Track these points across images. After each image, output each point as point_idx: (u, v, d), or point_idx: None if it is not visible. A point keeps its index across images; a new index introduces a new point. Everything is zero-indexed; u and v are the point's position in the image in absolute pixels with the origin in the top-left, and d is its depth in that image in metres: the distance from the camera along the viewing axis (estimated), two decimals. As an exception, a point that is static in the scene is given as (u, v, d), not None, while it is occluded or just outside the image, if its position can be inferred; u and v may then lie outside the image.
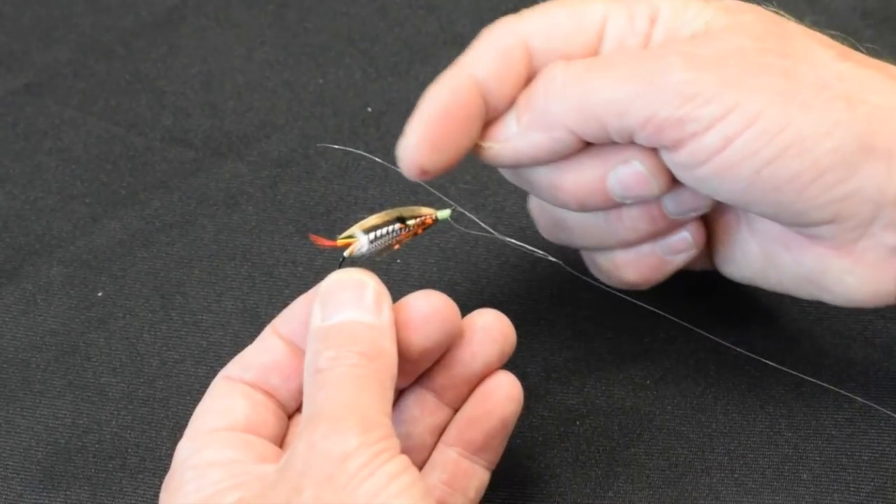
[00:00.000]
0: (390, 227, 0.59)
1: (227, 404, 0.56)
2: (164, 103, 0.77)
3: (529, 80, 0.59)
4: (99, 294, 0.70)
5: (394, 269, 0.69)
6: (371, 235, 0.59)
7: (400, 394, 0.59)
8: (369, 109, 0.76)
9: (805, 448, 0.63)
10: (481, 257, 0.69)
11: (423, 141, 0.57)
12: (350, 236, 0.59)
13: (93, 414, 0.66)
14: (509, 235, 0.63)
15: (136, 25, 0.80)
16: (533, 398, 0.64)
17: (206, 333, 0.68)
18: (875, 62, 0.58)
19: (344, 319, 0.54)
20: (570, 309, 0.67)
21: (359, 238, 0.59)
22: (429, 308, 0.56)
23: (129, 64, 0.79)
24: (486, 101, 0.58)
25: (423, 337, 0.56)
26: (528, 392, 0.59)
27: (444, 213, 0.60)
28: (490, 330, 0.58)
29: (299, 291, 0.58)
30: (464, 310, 0.57)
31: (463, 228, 0.63)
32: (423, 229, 0.60)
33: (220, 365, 0.58)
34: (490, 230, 0.63)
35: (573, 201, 0.59)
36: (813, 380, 0.63)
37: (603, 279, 0.63)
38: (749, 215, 0.61)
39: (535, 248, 0.63)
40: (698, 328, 0.64)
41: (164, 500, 0.55)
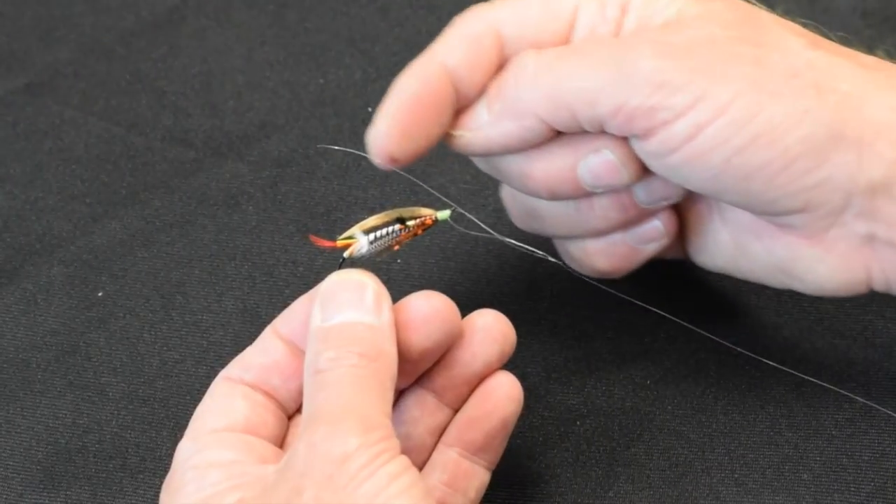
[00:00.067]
0: (390, 228, 0.59)
1: (227, 405, 0.56)
2: (164, 103, 0.77)
3: (500, 69, 0.58)
4: (99, 294, 0.70)
5: (394, 269, 0.69)
6: (371, 236, 0.59)
7: (400, 394, 0.59)
8: (369, 109, 0.76)
9: (805, 448, 0.63)
10: (481, 257, 0.69)
11: (393, 129, 0.57)
12: (350, 237, 0.59)
13: (93, 414, 0.66)
14: (509, 235, 0.63)
15: (137, 25, 0.80)
16: (533, 398, 0.64)
17: (206, 333, 0.68)
18: (846, 50, 0.58)
19: (344, 320, 0.54)
20: (570, 309, 0.67)
21: (359, 239, 0.59)
22: (429, 309, 0.56)
23: (130, 64, 0.79)
24: (457, 90, 0.58)
25: (423, 337, 0.56)
26: (528, 392, 0.59)
27: (443, 214, 0.60)
28: (490, 330, 0.58)
29: (299, 292, 0.58)
30: (464, 310, 0.57)
31: (463, 228, 0.63)
32: (423, 230, 0.60)
33: (221, 365, 0.58)
34: (490, 230, 0.62)
35: (544, 190, 0.59)
36: (813, 380, 0.63)
37: (575, 267, 0.63)
38: (721, 204, 0.61)
39: (535, 249, 0.63)
40: (699, 328, 0.64)
41: (164, 500, 0.55)
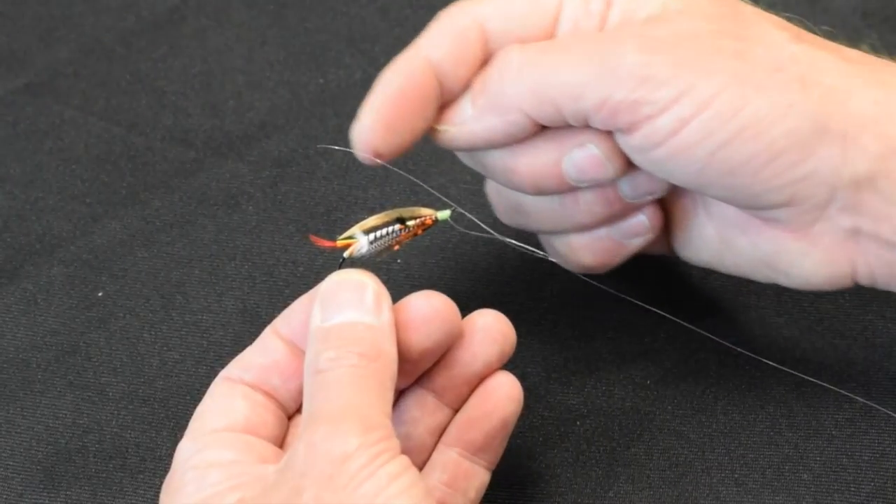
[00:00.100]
0: (390, 228, 0.59)
1: (227, 405, 0.56)
2: (164, 103, 0.77)
3: (485, 63, 0.58)
4: (99, 294, 0.70)
5: (394, 269, 0.69)
6: (371, 236, 0.59)
7: (400, 394, 0.59)
8: (370, 109, 0.76)
9: (805, 448, 0.63)
10: (481, 257, 0.69)
11: (377, 123, 0.57)
12: (350, 237, 0.59)
13: (93, 414, 0.66)
14: (509, 235, 0.63)
15: (137, 25, 0.80)
16: (533, 398, 0.64)
17: (206, 333, 0.68)
18: (829, 44, 0.58)
19: (344, 320, 0.54)
20: (570, 309, 0.67)
21: (359, 239, 0.59)
22: (429, 309, 0.56)
23: (130, 64, 0.79)
24: (442, 84, 0.58)
25: (423, 337, 0.56)
26: (528, 392, 0.59)
27: (443, 214, 0.60)
28: (490, 330, 0.58)
29: (300, 291, 0.58)
30: (464, 310, 0.57)
31: (463, 229, 0.63)
32: (423, 230, 0.60)
33: (221, 365, 0.58)
34: (490, 230, 0.62)
35: (528, 185, 0.59)
36: (813, 380, 0.63)
37: (560, 263, 0.62)
38: (706, 199, 0.60)
39: (535, 249, 0.63)
40: (699, 328, 0.64)
41: (164, 500, 0.55)
